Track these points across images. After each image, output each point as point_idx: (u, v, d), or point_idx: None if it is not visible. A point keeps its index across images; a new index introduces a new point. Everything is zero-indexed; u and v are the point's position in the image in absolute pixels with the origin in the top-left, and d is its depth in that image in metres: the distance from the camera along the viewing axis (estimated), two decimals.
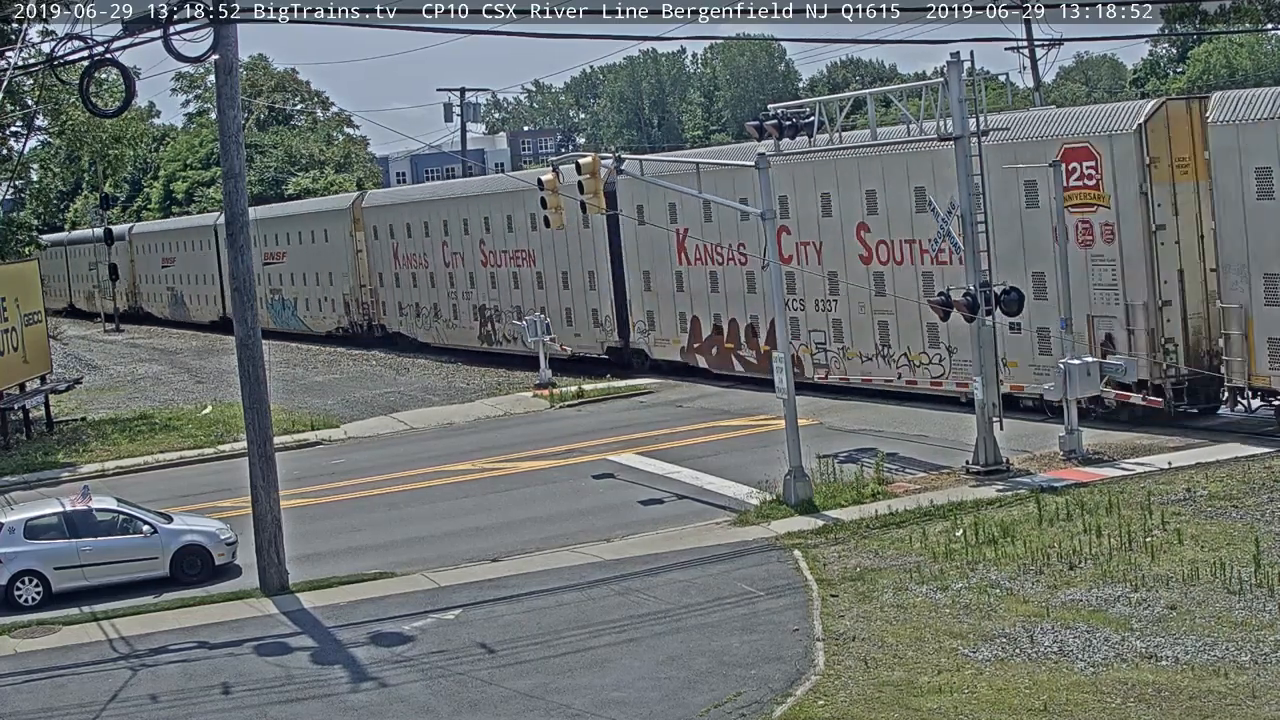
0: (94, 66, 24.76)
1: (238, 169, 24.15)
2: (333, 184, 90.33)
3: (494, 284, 51.40)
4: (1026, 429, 29.91)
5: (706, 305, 41.51)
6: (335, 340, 63.10)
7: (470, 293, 52.79)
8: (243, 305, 24.31)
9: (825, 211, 36.50)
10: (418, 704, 18.28)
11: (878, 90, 32.62)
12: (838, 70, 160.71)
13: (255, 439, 24.45)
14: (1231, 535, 21.74)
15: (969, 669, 17.50)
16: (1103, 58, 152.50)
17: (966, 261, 27.77)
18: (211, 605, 23.61)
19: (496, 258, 51.07)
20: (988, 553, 22.07)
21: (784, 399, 26.97)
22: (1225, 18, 49.97)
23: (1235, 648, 17.31)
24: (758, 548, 23.95)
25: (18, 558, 24.50)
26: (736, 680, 17.89)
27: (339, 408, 43.85)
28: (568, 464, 32.57)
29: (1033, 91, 62.59)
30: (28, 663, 21.27)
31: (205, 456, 37.11)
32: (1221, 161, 28.23)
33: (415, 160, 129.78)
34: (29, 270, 45.94)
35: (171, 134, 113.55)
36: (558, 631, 20.50)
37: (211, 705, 18.93)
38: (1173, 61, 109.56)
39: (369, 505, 30.31)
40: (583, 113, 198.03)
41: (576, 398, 41.28)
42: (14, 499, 30.65)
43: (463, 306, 53.44)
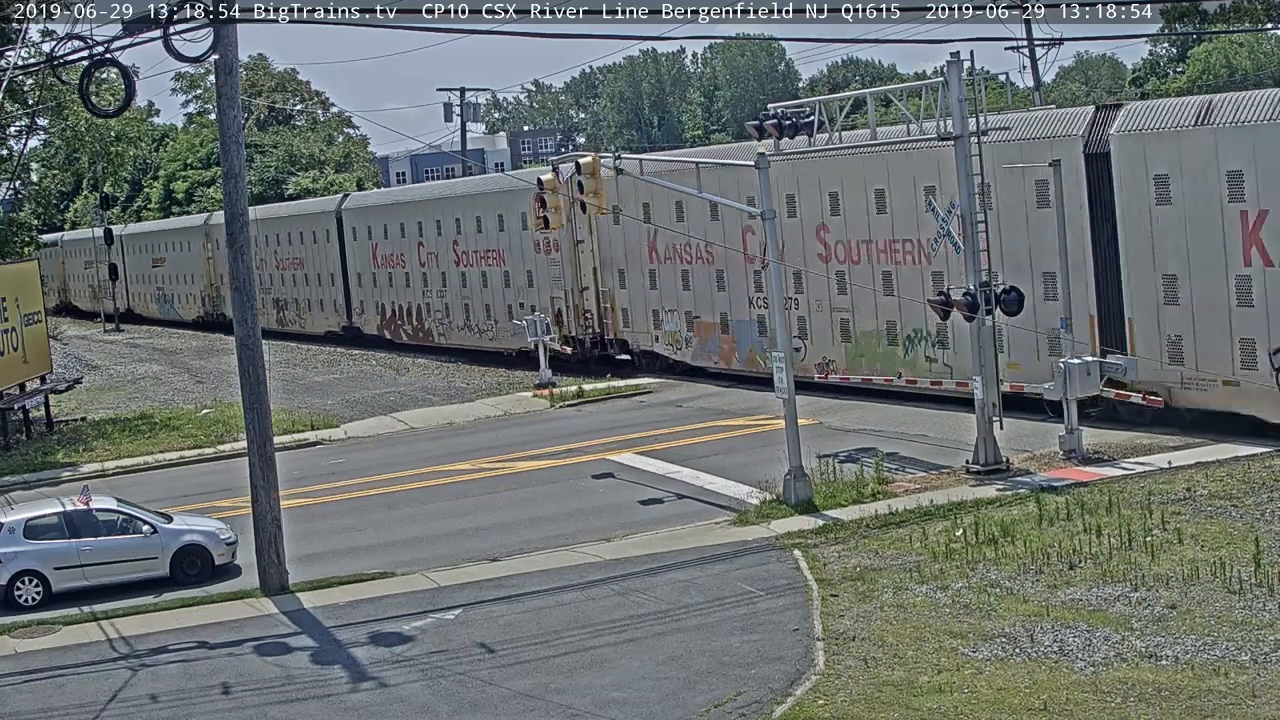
0: (94, 66, 24.76)
1: (238, 169, 24.15)
2: (333, 184, 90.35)
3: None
4: (1026, 429, 29.91)
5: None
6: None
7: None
8: (243, 305, 24.30)
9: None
10: (418, 704, 18.28)
11: (878, 90, 32.63)
12: (838, 70, 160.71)
13: (255, 439, 24.45)
14: (1231, 535, 21.74)
15: (969, 668, 17.50)
16: (1103, 58, 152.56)
17: (966, 261, 27.75)
18: (211, 605, 23.61)
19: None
20: (988, 552, 22.07)
21: (784, 399, 26.97)
22: (1225, 18, 49.99)
23: (1235, 647, 17.31)
24: (758, 548, 23.95)
25: (18, 558, 24.50)
26: (736, 680, 17.89)
27: (339, 408, 43.86)
28: (568, 464, 32.57)
29: (1033, 91, 62.61)
30: (28, 663, 21.27)
31: (205, 456, 37.11)
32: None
33: (415, 160, 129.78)
34: (29, 270, 45.97)
35: (171, 134, 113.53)
36: (557, 631, 20.51)
37: (211, 705, 18.93)
38: (1172, 61, 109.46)
39: (369, 505, 30.31)
40: (583, 113, 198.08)
41: (576, 398, 41.28)
42: (14, 499, 30.65)
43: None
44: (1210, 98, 29.13)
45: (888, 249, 34.76)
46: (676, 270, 41.98)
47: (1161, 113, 29.13)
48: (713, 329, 41.13)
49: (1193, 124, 27.96)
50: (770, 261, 27.47)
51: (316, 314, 64.89)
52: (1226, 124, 27.41)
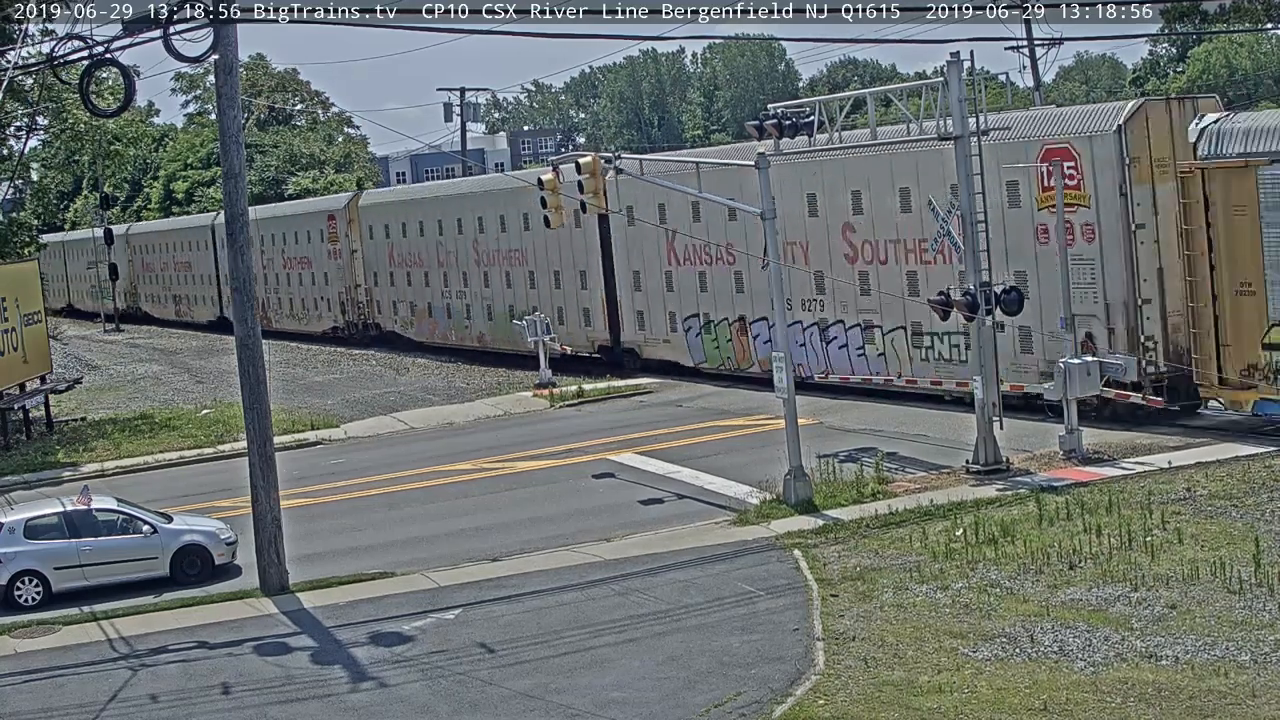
0: (94, 66, 24.77)
1: (238, 169, 24.15)
2: (333, 184, 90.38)
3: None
4: (1026, 429, 29.92)
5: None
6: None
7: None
8: (243, 305, 24.30)
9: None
10: (418, 704, 18.28)
11: (878, 90, 32.63)
12: (837, 70, 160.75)
13: (255, 439, 24.44)
14: (1231, 535, 21.74)
15: (969, 668, 17.50)
16: (1102, 57, 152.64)
17: (966, 261, 27.76)
18: (211, 605, 23.61)
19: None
20: (988, 552, 22.07)
21: (784, 399, 26.97)
22: (1225, 17, 49.95)
23: (1235, 647, 17.31)
24: (758, 547, 23.95)
25: (18, 558, 24.49)
26: (736, 680, 17.89)
27: (339, 407, 43.85)
28: (568, 464, 32.57)
29: (1033, 91, 62.62)
30: (28, 663, 21.27)
31: (205, 456, 37.11)
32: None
33: (415, 160, 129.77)
34: (29, 270, 45.97)
35: (171, 134, 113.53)
36: (557, 631, 20.50)
37: (211, 705, 18.93)
38: (1172, 61, 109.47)
39: (369, 505, 30.31)
40: (583, 113, 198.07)
41: (576, 398, 41.28)
42: (14, 499, 30.65)
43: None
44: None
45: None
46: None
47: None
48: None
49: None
50: (770, 261, 27.47)
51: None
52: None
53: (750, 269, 38.33)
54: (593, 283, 45.84)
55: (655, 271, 43.06)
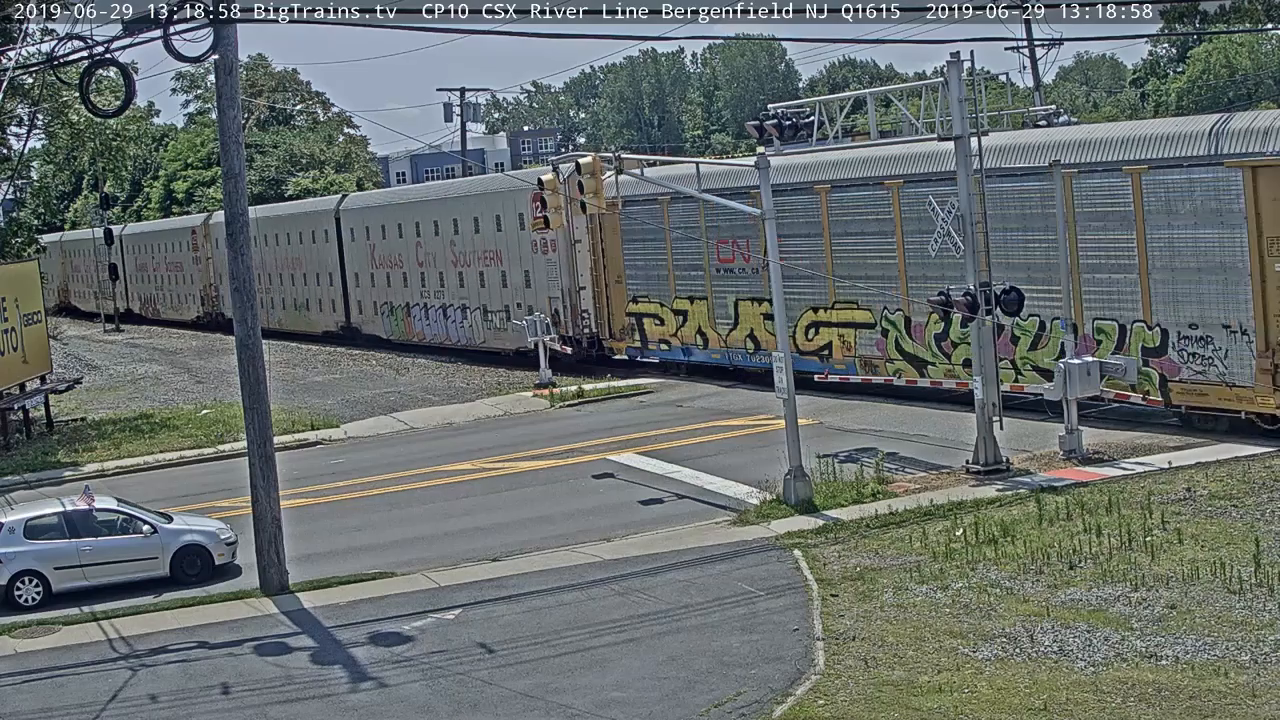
0: (94, 66, 24.76)
1: (238, 169, 24.14)
2: (333, 184, 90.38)
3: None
4: (1027, 429, 29.93)
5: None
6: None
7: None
8: (243, 305, 24.28)
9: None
10: (417, 704, 18.28)
11: (878, 90, 32.61)
12: (837, 70, 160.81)
13: (255, 439, 24.44)
14: (1231, 535, 21.75)
15: (969, 668, 17.50)
16: (1103, 58, 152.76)
17: (967, 261, 27.76)
18: (211, 605, 23.61)
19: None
20: (988, 552, 22.08)
21: (784, 399, 26.97)
22: (1225, 18, 49.98)
23: (1235, 647, 17.32)
24: (758, 547, 23.95)
25: (18, 558, 24.49)
26: (736, 680, 17.89)
27: (339, 407, 43.86)
28: (568, 464, 32.58)
29: (1033, 91, 62.60)
30: (28, 663, 21.27)
31: (205, 456, 37.11)
32: None
33: (415, 160, 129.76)
34: (29, 270, 45.96)
35: (171, 134, 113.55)
36: (557, 631, 20.50)
37: (211, 705, 18.93)
38: (1172, 61, 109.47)
39: (369, 505, 30.31)
40: (583, 113, 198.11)
41: (576, 398, 41.29)
42: (14, 499, 30.66)
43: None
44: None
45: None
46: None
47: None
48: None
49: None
50: (770, 261, 27.47)
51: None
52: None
53: (411, 271, 55.44)
54: (336, 280, 62.55)
55: (366, 272, 59.17)
